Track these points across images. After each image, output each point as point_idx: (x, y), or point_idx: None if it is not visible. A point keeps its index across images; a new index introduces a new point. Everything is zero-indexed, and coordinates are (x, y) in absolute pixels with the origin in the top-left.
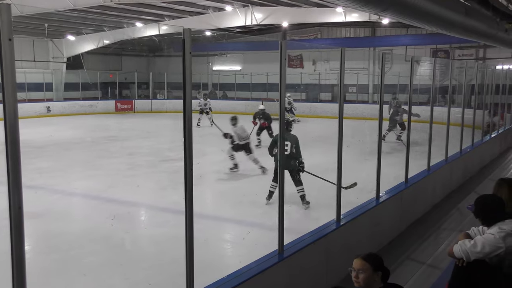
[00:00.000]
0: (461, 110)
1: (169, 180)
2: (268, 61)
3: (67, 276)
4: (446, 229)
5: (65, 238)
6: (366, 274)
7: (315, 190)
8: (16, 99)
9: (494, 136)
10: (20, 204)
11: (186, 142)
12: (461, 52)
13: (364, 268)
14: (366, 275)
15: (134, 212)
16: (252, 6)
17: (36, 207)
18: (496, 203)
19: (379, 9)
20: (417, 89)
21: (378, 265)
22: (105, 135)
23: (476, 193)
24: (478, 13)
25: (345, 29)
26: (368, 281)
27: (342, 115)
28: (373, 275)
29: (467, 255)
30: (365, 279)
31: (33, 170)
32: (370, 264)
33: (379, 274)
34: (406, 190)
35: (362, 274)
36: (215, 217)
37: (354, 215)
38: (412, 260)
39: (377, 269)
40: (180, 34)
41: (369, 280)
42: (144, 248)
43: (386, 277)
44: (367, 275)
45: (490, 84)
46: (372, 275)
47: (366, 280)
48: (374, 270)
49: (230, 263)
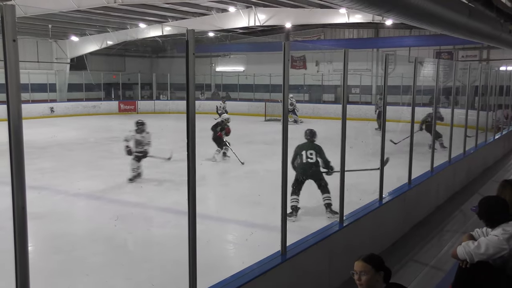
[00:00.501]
0: (465, 112)
1: (172, 181)
2: (271, 62)
3: (70, 276)
4: (450, 230)
5: (68, 239)
6: (369, 276)
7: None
8: (20, 100)
9: (497, 137)
10: (23, 205)
11: (189, 143)
12: (465, 53)
13: (366, 269)
14: (369, 277)
15: (137, 213)
16: (255, 7)
17: (39, 207)
18: (500, 205)
19: (382, 10)
20: (421, 90)
21: (379, 265)
22: (108, 135)
23: (480, 195)
24: (482, 14)
25: (348, 30)
26: (371, 282)
27: (345, 116)
28: (376, 275)
29: (471, 256)
30: (368, 280)
31: (36, 170)
32: (371, 265)
33: (381, 274)
34: (409, 191)
35: (364, 276)
36: (218, 218)
37: (357, 216)
38: (415, 261)
39: (379, 269)
40: (183, 35)
41: (372, 281)
42: (147, 249)
43: (388, 277)
44: (369, 276)
45: (494, 85)
46: (375, 276)
47: (369, 282)
48: (376, 271)
49: (233, 264)
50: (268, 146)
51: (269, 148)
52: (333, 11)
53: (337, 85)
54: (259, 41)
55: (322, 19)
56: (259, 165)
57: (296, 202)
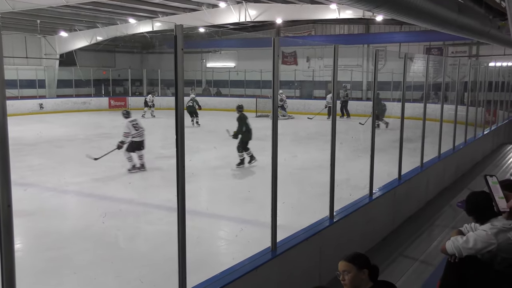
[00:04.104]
0: (454, 107)
1: (162, 178)
2: (262, 58)
3: (59, 274)
4: (439, 225)
5: (57, 236)
6: (351, 274)
7: (309, 187)
8: (5, 95)
9: (486, 133)
10: (9, 202)
11: (178, 139)
12: (455, 49)
13: (348, 268)
14: (352, 275)
15: (126, 210)
16: (246, 3)
17: (28, 205)
18: (489, 200)
19: (372, 6)
20: (411, 86)
21: (362, 263)
22: (98, 132)
23: (469, 190)
24: (471, 10)
25: (339, 26)
26: (355, 281)
27: (335, 112)
28: (359, 273)
29: (459, 251)
30: (351, 279)
31: (25, 167)
32: (353, 263)
33: (365, 272)
34: (399, 187)
35: (347, 275)
36: (208, 214)
37: (348, 212)
38: (405, 256)
39: (361, 267)
40: (173, 31)
41: (355, 280)
42: (137, 246)
43: (375, 275)
44: (352, 275)
45: (483, 81)
46: (358, 274)
47: (352, 280)
48: (358, 269)
49: (223, 260)
50: (259, 142)
51: (260, 144)
52: (324, 7)
53: (328, 81)
54: (249, 37)
55: (313, 15)
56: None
57: (243, 157)
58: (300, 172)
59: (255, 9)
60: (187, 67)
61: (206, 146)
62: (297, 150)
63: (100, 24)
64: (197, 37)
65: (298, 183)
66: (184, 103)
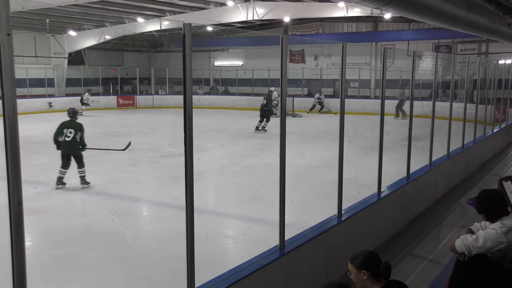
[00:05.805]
0: (463, 105)
1: (170, 176)
2: (270, 57)
3: (68, 272)
4: (448, 224)
5: (66, 234)
6: (353, 275)
7: (317, 185)
8: (15, 94)
9: (496, 131)
10: (19, 200)
11: (187, 137)
12: (464, 46)
13: (350, 269)
14: (354, 276)
15: (135, 208)
16: (253, 1)
17: (38, 203)
18: (501, 198)
19: (381, 4)
20: (419, 84)
21: (360, 264)
22: (106, 130)
23: (478, 188)
24: (480, 7)
25: (347, 24)
26: (358, 281)
27: (343, 110)
28: (359, 274)
29: (469, 249)
30: (354, 279)
31: (34, 165)
32: (353, 265)
33: (364, 273)
34: (407, 185)
35: (351, 275)
36: (216, 212)
37: (356, 210)
38: (413, 255)
39: (360, 268)
40: (181, 29)
41: (357, 280)
42: (145, 244)
43: (375, 275)
44: (354, 275)
45: (492, 78)
46: (359, 275)
47: (355, 281)
48: (358, 270)
49: (231, 259)
50: (267, 141)
51: (267, 143)
52: (332, 5)
53: (335, 79)
54: (257, 35)
55: (321, 13)
56: (257, 160)
57: (63, 174)
58: (308, 171)
59: (263, 8)
60: (195, 66)
61: (213, 144)
62: (305, 148)
63: (108, 23)
64: (205, 36)
65: (306, 181)
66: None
